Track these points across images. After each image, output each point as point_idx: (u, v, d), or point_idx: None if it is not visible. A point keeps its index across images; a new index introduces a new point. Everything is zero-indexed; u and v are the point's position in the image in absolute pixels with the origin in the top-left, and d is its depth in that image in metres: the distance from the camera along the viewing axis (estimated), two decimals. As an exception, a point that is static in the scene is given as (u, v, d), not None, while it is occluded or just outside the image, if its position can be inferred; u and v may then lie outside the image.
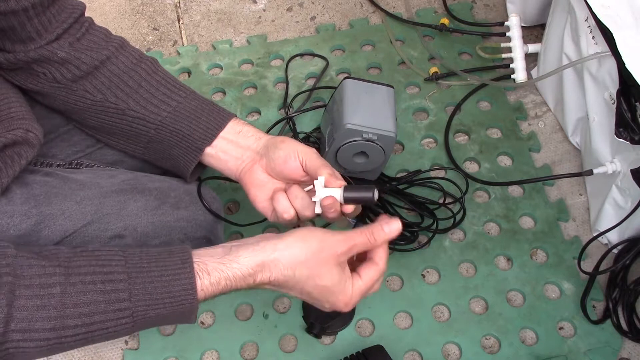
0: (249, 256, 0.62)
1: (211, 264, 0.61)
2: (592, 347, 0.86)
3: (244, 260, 0.62)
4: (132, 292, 0.59)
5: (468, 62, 1.17)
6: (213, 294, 0.62)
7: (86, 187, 0.73)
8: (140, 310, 0.59)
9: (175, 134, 0.77)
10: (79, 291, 0.57)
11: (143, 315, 0.59)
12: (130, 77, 0.77)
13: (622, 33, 0.80)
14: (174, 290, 0.60)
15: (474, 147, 1.06)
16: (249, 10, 1.28)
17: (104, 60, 0.76)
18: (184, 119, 0.77)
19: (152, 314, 0.60)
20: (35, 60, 0.73)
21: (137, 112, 0.76)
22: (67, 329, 0.57)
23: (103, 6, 1.29)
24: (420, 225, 0.94)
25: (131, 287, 0.59)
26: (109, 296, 0.58)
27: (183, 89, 0.79)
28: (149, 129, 0.77)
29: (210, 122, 0.77)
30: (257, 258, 0.62)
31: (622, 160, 0.88)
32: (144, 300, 0.59)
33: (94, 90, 0.76)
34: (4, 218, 0.67)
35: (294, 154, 0.72)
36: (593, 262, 0.92)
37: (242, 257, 0.62)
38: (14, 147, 0.69)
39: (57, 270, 0.57)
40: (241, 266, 0.62)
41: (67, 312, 0.56)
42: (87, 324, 0.57)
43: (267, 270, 0.63)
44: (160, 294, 0.59)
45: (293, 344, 0.88)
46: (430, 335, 0.88)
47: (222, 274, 0.61)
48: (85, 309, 0.57)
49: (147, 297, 0.59)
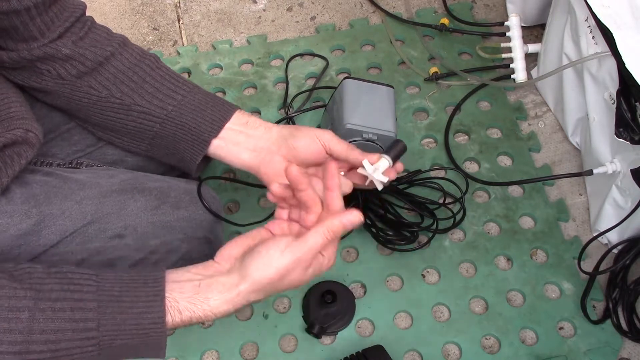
0: (218, 298, 0.62)
1: (182, 303, 0.61)
2: (592, 347, 0.86)
3: (214, 303, 0.62)
4: (101, 322, 0.58)
5: (468, 62, 1.17)
6: (182, 326, 0.62)
7: (86, 186, 0.73)
8: (107, 340, 0.59)
9: (181, 127, 0.78)
10: (47, 318, 0.56)
11: (109, 344, 0.59)
12: (134, 73, 0.77)
13: (622, 33, 0.80)
14: (144, 322, 0.59)
15: (474, 147, 1.06)
16: (249, 10, 1.28)
17: (108, 57, 0.76)
18: (189, 112, 0.77)
19: (118, 343, 0.59)
20: (40, 58, 0.73)
21: (143, 106, 0.77)
22: (32, 354, 0.56)
23: (103, 6, 1.29)
24: (420, 225, 0.94)
25: (100, 316, 0.58)
26: (78, 325, 0.57)
27: (187, 84, 0.80)
28: (154, 124, 0.78)
29: (216, 114, 0.78)
30: (225, 299, 0.62)
31: (622, 160, 0.88)
32: (112, 331, 0.59)
33: (99, 86, 0.76)
34: (4, 217, 0.67)
35: (315, 141, 0.76)
36: (593, 262, 0.92)
37: (212, 299, 0.62)
38: (13, 147, 0.69)
39: (27, 293, 0.56)
40: (212, 308, 0.62)
41: (33, 338, 0.56)
42: (52, 350, 0.57)
43: (236, 303, 0.63)
44: (128, 325, 0.59)
45: (293, 344, 0.88)
46: (430, 335, 0.88)
47: (193, 314, 0.61)
48: (52, 336, 0.57)
49: (115, 328, 0.59)
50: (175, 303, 0.61)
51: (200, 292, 0.62)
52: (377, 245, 0.95)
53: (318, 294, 0.89)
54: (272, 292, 0.64)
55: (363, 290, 0.93)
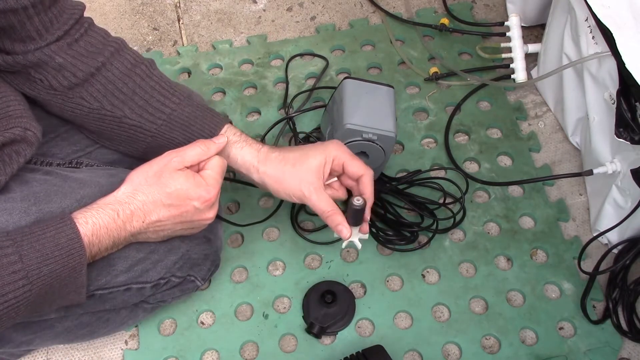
0: (109, 201, 0.69)
1: (82, 213, 0.67)
2: (592, 347, 0.86)
3: (107, 207, 0.69)
4: (22, 253, 0.61)
5: (468, 62, 1.17)
6: (99, 244, 0.67)
7: (86, 185, 0.73)
8: (33, 269, 0.61)
9: (171, 141, 0.79)
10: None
11: (37, 274, 0.61)
12: (124, 84, 0.77)
13: (622, 33, 0.80)
14: (61, 242, 0.63)
15: (474, 147, 1.06)
16: (249, 10, 1.28)
17: (99, 67, 0.76)
18: (178, 127, 0.78)
19: (45, 271, 0.62)
20: (33, 64, 0.73)
21: (134, 120, 0.77)
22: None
23: (103, 6, 1.29)
24: (420, 225, 0.94)
25: (19, 249, 0.61)
26: (1, 261, 0.60)
27: (177, 95, 0.80)
28: (145, 136, 0.79)
29: (205, 128, 0.79)
30: (113, 198, 0.69)
31: (622, 160, 0.88)
32: (35, 258, 0.61)
33: (90, 98, 0.76)
34: (3, 215, 0.67)
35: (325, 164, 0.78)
36: (593, 262, 0.92)
37: (103, 203, 0.69)
38: (12, 146, 0.69)
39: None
40: (106, 207, 0.68)
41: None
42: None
43: (126, 206, 0.69)
44: (48, 247, 0.62)
45: (293, 344, 0.88)
46: (430, 335, 0.88)
47: (97, 220, 0.67)
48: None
49: (37, 255, 0.62)
50: (78, 216, 0.66)
51: (96, 203, 0.69)
52: (377, 245, 0.95)
53: (318, 294, 0.89)
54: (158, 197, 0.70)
55: (363, 290, 0.93)
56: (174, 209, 0.71)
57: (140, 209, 0.70)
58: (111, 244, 0.69)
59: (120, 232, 0.69)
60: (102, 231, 0.67)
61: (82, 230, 0.65)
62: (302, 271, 0.94)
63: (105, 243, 0.68)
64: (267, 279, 0.93)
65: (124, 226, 0.69)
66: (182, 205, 0.71)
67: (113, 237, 0.68)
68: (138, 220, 0.70)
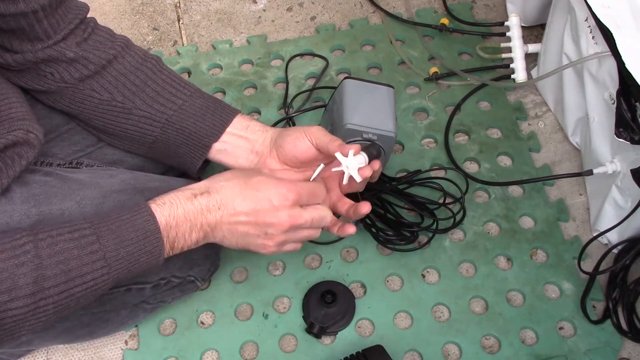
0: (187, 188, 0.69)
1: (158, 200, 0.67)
2: (592, 347, 0.86)
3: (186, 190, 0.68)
4: (100, 236, 0.61)
5: (468, 62, 1.17)
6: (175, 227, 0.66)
7: (86, 186, 0.73)
8: (110, 251, 0.62)
9: (181, 132, 0.78)
10: (50, 244, 0.59)
11: (115, 257, 0.62)
12: (136, 76, 0.78)
13: (622, 33, 0.80)
14: (137, 224, 0.63)
15: (474, 147, 1.06)
16: (249, 10, 1.28)
17: (110, 60, 0.77)
18: (190, 117, 0.78)
19: (123, 253, 0.62)
20: (44, 60, 0.73)
21: (144, 110, 0.77)
22: (48, 280, 0.58)
23: (103, 6, 1.29)
24: (420, 225, 0.94)
25: (97, 231, 0.62)
26: (79, 242, 0.60)
27: (188, 87, 0.80)
28: (155, 128, 0.78)
29: (217, 119, 0.79)
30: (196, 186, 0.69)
31: (622, 160, 0.88)
32: (112, 240, 0.62)
33: (101, 90, 0.77)
34: (4, 217, 0.67)
35: (302, 136, 0.76)
36: (593, 262, 0.92)
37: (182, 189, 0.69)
38: (14, 148, 0.69)
39: (23, 234, 0.59)
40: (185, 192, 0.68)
41: (44, 263, 0.58)
42: (65, 272, 0.59)
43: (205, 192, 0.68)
44: (125, 229, 0.62)
45: (293, 344, 0.88)
46: (430, 335, 0.88)
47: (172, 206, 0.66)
48: (60, 256, 0.59)
49: (114, 237, 0.62)
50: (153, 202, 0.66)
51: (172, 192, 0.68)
52: (377, 245, 0.95)
53: (318, 294, 0.89)
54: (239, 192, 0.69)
55: (363, 290, 0.93)
56: (250, 201, 0.69)
57: (217, 194, 0.68)
58: (189, 230, 0.67)
59: (197, 217, 0.67)
60: (179, 211, 0.66)
61: (157, 213, 0.65)
62: (302, 271, 0.94)
63: (182, 228, 0.67)
64: (267, 279, 0.93)
65: (202, 211, 0.67)
66: (260, 200, 0.69)
67: (190, 221, 0.67)
68: (214, 206, 0.68)
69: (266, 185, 0.69)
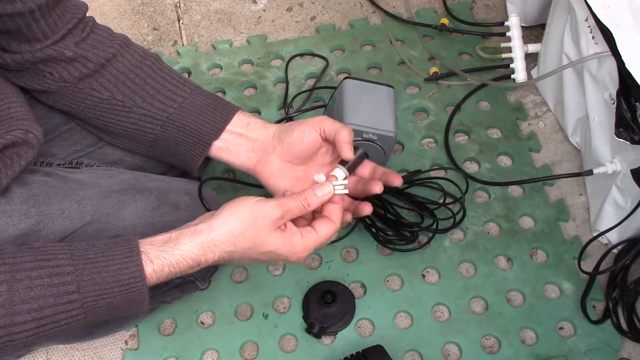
0: (189, 242, 0.64)
1: (153, 252, 0.62)
2: (592, 347, 0.86)
3: (185, 247, 0.63)
4: (81, 284, 0.59)
5: (468, 62, 1.17)
6: (158, 281, 0.63)
7: (86, 186, 0.73)
8: (90, 301, 0.59)
9: (182, 129, 0.78)
10: (26, 287, 0.57)
11: (93, 306, 0.60)
12: (136, 75, 0.77)
13: (622, 33, 0.80)
14: (123, 278, 0.60)
15: (474, 147, 1.06)
16: (249, 10, 1.28)
17: (110, 58, 0.76)
18: (190, 114, 0.78)
19: (102, 303, 0.60)
20: (43, 60, 0.73)
21: (144, 108, 0.77)
22: (17, 325, 0.57)
23: (103, 6, 1.29)
24: (420, 225, 0.94)
25: (79, 279, 0.59)
26: (57, 289, 0.58)
27: (188, 84, 0.80)
28: (155, 126, 0.78)
29: (217, 117, 0.79)
30: (196, 242, 0.64)
31: (622, 160, 0.88)
32: (93, 291, 0.59)
33: (101, 88, 0.76)
34: (3, 217, 0.67)
35: (309, 127, 0.76)
36: (593, 262, 0.92)
37: (182, 243, 0.64)
38: (13, 148, 0.69)
39: (2, 268, 0.57)
40: (182, 252, 0.63)
41: (15, 309, 0.56)
42: (37, 319, 0.57)
43: (209, 252, 0.64)
44: (108, 283, 0.60)
45: (293, 344, 0.88)
46: (430, 335, 0.88)
47: (164, 261, 0.62)
48: (34, 304, 0.57)
49: (96, 288, 0.60)
50: (145, 255, 0.62)
51: (171, 240, 0.64)
52: (377, 245, 0.95)
53: (318, 294, 0.89)
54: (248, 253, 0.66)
55: (363, 290, 0.93)
56: (258, 262, 0.69)
57: (225, 256, 0.66)
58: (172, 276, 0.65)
59: (193, 268, 0.65)
60: (170, 269, 0.63)
61: (147, 270, 0.62)
62: (302, 271, 0.94)
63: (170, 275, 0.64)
64: (267, 279, 0.93)
65: (198, 266, 0.65)
66: (269, 261, 0.69)
67: (181, 271, 0.64)
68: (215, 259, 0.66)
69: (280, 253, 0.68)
